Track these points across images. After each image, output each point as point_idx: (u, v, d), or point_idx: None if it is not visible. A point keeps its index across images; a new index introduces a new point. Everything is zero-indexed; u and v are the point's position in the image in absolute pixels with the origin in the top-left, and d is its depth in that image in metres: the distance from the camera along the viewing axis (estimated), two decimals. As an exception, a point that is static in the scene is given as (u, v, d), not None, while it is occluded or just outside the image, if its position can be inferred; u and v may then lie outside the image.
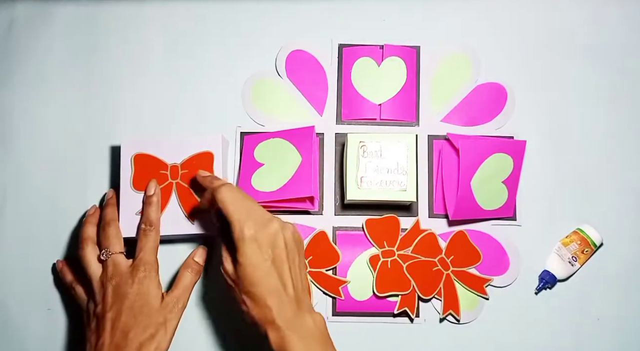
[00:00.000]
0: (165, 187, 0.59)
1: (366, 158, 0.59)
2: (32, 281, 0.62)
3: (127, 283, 0.53)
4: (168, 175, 0.59)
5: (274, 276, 0.49)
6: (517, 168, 0.63)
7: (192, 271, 0.57)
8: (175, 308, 0.54)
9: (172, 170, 0.59)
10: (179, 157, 0.60)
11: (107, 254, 0.55)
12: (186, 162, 0.60)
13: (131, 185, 0.59)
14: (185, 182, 0.59)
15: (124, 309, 0.52)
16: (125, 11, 0.67)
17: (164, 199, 0.59)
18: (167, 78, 0.66)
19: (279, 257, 0.50)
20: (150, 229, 0.56)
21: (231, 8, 0.67)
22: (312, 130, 0.62)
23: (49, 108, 0.65)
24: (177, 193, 0.59)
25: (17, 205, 0.64)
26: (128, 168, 0.59)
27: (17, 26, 0.67)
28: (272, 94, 0.65)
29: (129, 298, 0.52)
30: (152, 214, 0.57)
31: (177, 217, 0.59)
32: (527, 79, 0.67)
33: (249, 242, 0.49)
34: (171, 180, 0.59)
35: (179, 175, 0.59)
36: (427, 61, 0.66)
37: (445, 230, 0.63)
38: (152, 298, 0.53)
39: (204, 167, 0.59)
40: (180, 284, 0.56)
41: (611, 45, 0.68)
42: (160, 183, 0.59)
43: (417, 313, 0.61)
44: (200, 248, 0.59)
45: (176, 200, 0.59)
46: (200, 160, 0.59)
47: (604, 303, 0.63)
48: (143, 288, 0.53)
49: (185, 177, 0.59)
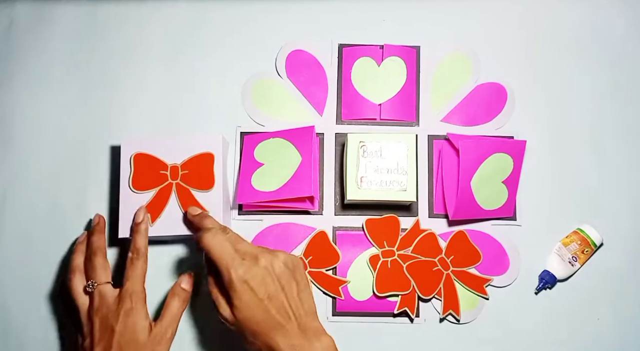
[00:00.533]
0: (165, 187, 0.59)
1: (366, 158, 0.59)
2: (32, 281, 0.62)
3: (113, 315, 0.52)
4: (168, 176, 0.59)
5: (273, 312, 0.49)
6: (517, 168, 0.63)
7: (180, 299, 0.56)
8: (163, 339, 0.53)
9: (172, 170, 0.59)
10: (179, 158, 0.60)
11: (92, 286, 0.54)
12: (186, 162, 0.59)
13: (130, 185, 0.59)
14: (185, 182, 0.59)
15: (113, 344, 0.51)
16: (125, 11, 0.67)
17: (164, 200, 0.59)
18: (167, 78, 0.66)
19: (274, 292, 0.50)
20: (138, 258, 0.55)
21: (231, 8, 0.67)
22: (312, 130, 0.62)
23: (49, 108, 0.65)
24: (176, 194, 0.59)
25: (17, 205, 0.63)
26: (127, 168, 0.59)
27: (17, 26, 0.67)
28: (272, 94, 0.65)
29: (117, 331, 0.51)
30: (140, 242, 0.56)
31: (177, 217, 0.58)
32: (527, 79, 0.67)
33: (240, 285, 0.49)
34: (171, 180, 0.59)
35: (179, 176, 0.59)
36: (427, 61, 0.66)
37: (445, 230, 0.63)
38: (140, 331, 0.52)
39: (204, 168, 0.59)
40: (168, 313, 0.55)
41: (611, 45, 0.68)
42: (160, 184, 0.59)
43: (417, 313, 0.61)
44: (186, 275, 0.58)
45: (176, 201, 0.59)
46: (200, 161, 0.59)
47: (604, 303, 0.63)
48: (130, 321, 0.52)
49: (185, 177, 0.59)
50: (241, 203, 0.62)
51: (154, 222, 0.58)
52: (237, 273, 0.49)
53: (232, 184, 0.64)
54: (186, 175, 0.59)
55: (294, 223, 0.63)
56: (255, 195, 0.60)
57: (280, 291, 0.50)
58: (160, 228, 0.58)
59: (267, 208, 0.62)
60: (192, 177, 0.59)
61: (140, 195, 0.59)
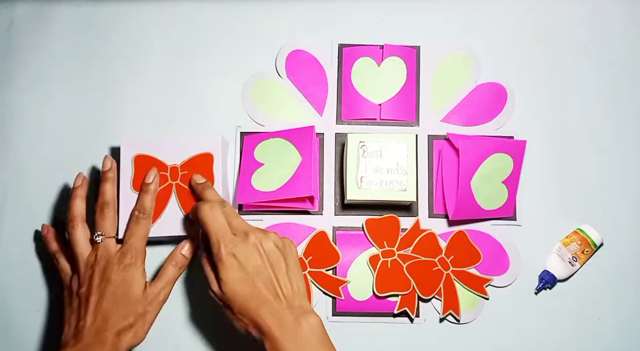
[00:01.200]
0: (165, 188, 0.59)
1: (366, 158, 0.59)
2: (32, 281, 0.62)
3: (113, 268, 0.53)
4: (168, 177, 0.59)
5: (260, 288, 0.50)
6: (517, 168, 0.63)
7: (177, 265, 0.57)
8: (155, 300, 0.55)
9: (172, 171, 0.60)
10: (179, 158, 0.60)
11: (101, 237, 0.55)
12: (186, 163, 0.60)
13: (131, 187, 0.59)
14: (185, 183, 0.59)
15: (107, 294, 0.52)
16: (125, 11, 0.67)
17: (164, 200, 0.59)
18: (167, 78, 0.66)
19: (262, 268, 0.50)
20: (144, 217, 0.56)
21: (231, 8, 0.67)
22: (312, 130, 0.62)
23: (49, 108, 0.65)
24: (176, 195, 0.59)
25: (17, 205, 0.63)
26: (128, 169, 0.59)
27: (17, 26, 0.67)
28: (272, 94, 0.65)
29: (113, 283, 0.53)
30: (147, 202, 0.57)
31: (176, 217, 0.59)
32: (527, 79, 0.67)
33: (228, 258, 0.50)
34: (171, 181, 0.59)
35: (179, 177, 0.59)
36: (427, 61, 0.66)
37: (445, 230, 0.63)
38: (135, 286, 0.53)
39: (203, 168, 0.59)
40: (164, 277, 0.56)
41: (611, 45, 0.68)
42: (160, 185, 0.59)
43: (417, 313, 0.61)
44: (187, 241, 0.59)
45: (176, 201, 0.59)
46: (200, 162, 0.60)
47: (604, 303, 0.63)
48: (128, 275, 0.53)
49: (185, 178, 0.59)
50: (241, 203, 0.62)
51: (154, 223, 0.58)
52: (226, 247, 0.50)
53: (232, 184, 0.64)
54: (186, 175, 0.59)
55: (294, 223, 0.63)
56: (255, 195, 0.60)
57: (268, 267, 0.51)
58: (161, 229, 0.58)
59: (267, 208, 0.62)
60: (192, 177, 0.59)
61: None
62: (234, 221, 0.53)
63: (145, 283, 0.55)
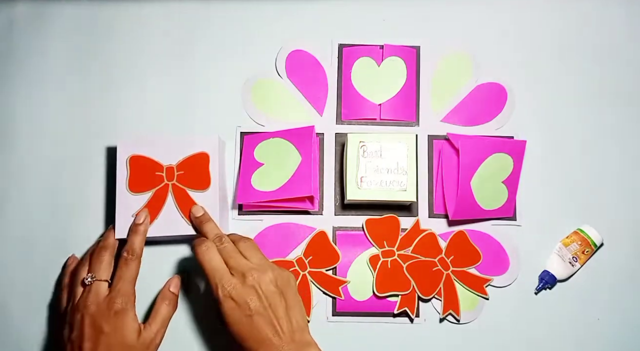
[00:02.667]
0: (161, 188, 0.59)
1: (366, 158, 0.59)
2: (32, 281, 0.62)
3: (103, 315, 0.52)
4: (164, 177, 0.59)
5: (260, 328, 0.50)
6: (517, 168, 0.63)
7: (170, 304, 0.57)
8: (152, 344, 0.54)
9: (168, 171, 0.59)
10: (175, 158, 0.60)
11: (92, 279, 0.54)
12: (182, 163, 0.59)
13: (127, 187, 0.59)
14: (181, 183, 0.59)
15: (100, 344, 0.51)
16: (125, 11, 0.67)
17: (161, 201, 0.59)
18: (167, 78, 0.66)
19: (260, 309, 0.51)
20: (132, 258, 0.55)
21: (231, 8, 0.67)
22: (312, 130, 0.62)
23: (49, 108, 0.65)
24: (173, 195, 0.59)
25: (17, 205, 0.63)
26: (124, 170, 0.59)
27: (17, 26, 0.67)
28: (272, 94, 0.65)
29: (106, 333, 0.51)
30: (137, 243, 0.56)
31: (174, 217, 0.58)
32: (527, 79, 0.67)
33: (226, 301, 0.51)
34: (167, 181, 0.59)
35: (175, 177, 0.59)
36: (427, 61, 0.66)
37: (445, 230, 0.63)
38: (129, 333, 0.52)
39: (199, 168, 0.59)
40: (158, 318, 0.55)
41: (611, 45, 0.68)
42: (156, 185, 0.59)
43: (417, 313, 0.61)
44: (174, 278, 0.59)
45: (172, 201, 0.59)
46: (195, 161, 0.59)
47: (604, 303, 0.63)
48: (119, 322, 0.52)
49: (181, 178, 0.59)
50: (241, 203, 0.62)
51: (151, 223, 0.58)
52: (224, 289, 0.51)
53: (231, 184, 0.64)
54: (182, 175, 0.59)
55: (294, 223, 0.63)
56: (255, 195, 0.60)
57: (267, 308, 0.51)
58: (158, 229, 0.58)
59: (267, 208, 0.62)
60: (188, 177, 0.59)
61: (137, 197, 0.59)
62: (232, 260, 0.53)
63: (139, 327, 0.54)
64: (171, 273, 0.62)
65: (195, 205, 0.58)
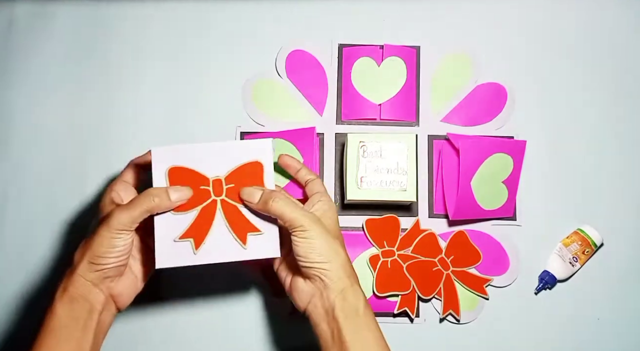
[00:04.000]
0: (208, 205, 0.49)
1: (366, 159, 0.59)
2: (32, 281, 0.62)
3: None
4: (210, 192, 0.49)
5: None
6: (517, 168, 0.63)
7: (155, 200, 0.47)
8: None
9: (215, 185, 0.50)
10: (223, 169, 0.50)
11: None
12: (231, 174, 0.50)
13: None
14: (232, 198, 0.49)
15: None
16: (125, 11, 0.67)
17: (208, 221, 0.49)
18: (167, 78, 0.66)
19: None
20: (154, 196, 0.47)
21: (231, 8, 0.67)
22: (312, 131, 0.62)
23: (49, 108, 0.65)
24: (223, 213, 0.49)
25: (17, 205, 0.63)
26: (162, 184, 0.49)
27: (17, 26, 0.67)
28: (272, 94, 0.65)
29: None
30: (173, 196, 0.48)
31: (225, 241, 0.49)
32: (527, 79, 0.67)
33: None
34: (215, 197, 0.49)
35: (224, 191, 0.50)
36: (427, 61, 0.66)
37: (445, 230, 0.63)
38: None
39: (253, 181, 0.50)
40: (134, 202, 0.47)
41: (611, 45, 0.68)
42: (202, 202, 0.49)
43: (417, 313, 0.61)
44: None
45: (223, 221, 0.49)
46: (248, 172, 0.50)
47: (604, 303, 0.63)
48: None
49: (231, 192, 0.50)
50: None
51: (198, 249, 0.48)
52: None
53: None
54: (232, 189, 0.50)
55: (294, 223, 0.63)
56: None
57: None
58: (207, 256, 0.49)
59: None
60: (239, 190, 0.50)
61: (180, 217, 0.49)
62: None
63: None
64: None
65: (244, 189, 0.49)
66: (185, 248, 0.48)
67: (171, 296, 0.62)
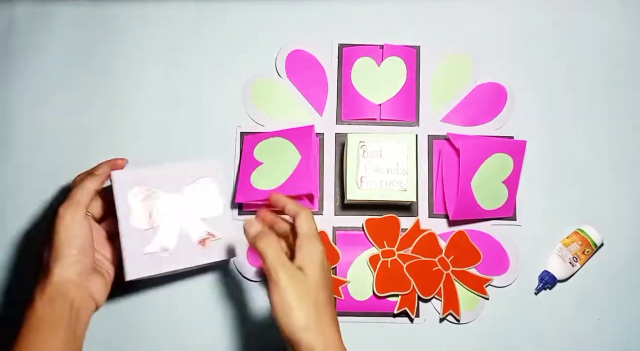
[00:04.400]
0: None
1: (366, 159, 0.59)
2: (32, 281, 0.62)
3: None
4: None
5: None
6: (517, 168, 0.63)
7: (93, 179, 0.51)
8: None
9: None
10: (178, 189, 0.56)
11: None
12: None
13: (134, 224, 0.53)
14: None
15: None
16: (125, 11, 0.67)
17: (171, 232, 0.55)
18: (167, 78, 0.66)
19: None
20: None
21: (231, 8, 0.67)
22: (311, 129, 0.62)
23: (48, 108, 0.65)
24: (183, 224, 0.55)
25: (17, 205, 0.63)
26: (127, 205, 0.53)
27: (17, 26, 0.67)
28: (272, 94, 0.65)
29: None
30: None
31: (188, 248, 0.55)
32: (527, 79, 0.67)
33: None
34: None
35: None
36: (427, 61, 0.66)
37: (445, 230, 0.63)
38: None
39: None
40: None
41: (611, 45, 0.68)
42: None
43: (417, 313, 0.61)
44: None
45: (184, 232, 0.55)
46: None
47: (604, 303, 0.63)
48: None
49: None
50: (241, 202, 0.62)
51: (164, 258, 0.54)
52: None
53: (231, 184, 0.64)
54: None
55: (294, 223, 0.63)
56: (254, 193, 0.60)
57: None
58: (174, 263, 0.54)
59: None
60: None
61: (147, 232, 0.53)
62: None
63: None
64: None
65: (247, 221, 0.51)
66: (152, 259, 0.53)
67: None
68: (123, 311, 0.61)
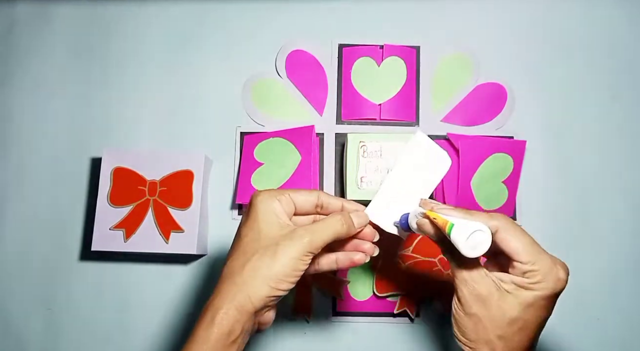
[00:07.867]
0: (142, 203, 0.58)
1: (366, 158, 0.59)
2: (32, 281, 0.62)
3: None
4: (146, 191, 0.58)
5: None
6: (517, 168, 0.63)
7: (342, 223, 0.44)
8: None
9: (151, 186, 0.58)
10: (159, 174, 0.59)
11: None
12: (165, 179, 0.59)
13: (108, 200, 0.58)
14: (163, 199, 0.58)
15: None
16: (125, 11, 0.67)
17: (140, 215, 0.58)
18: (167, 78, 0.66)
19: None
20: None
21: (231, 8, 0.67)
22: (311, 129, 0.62)
23: (48, 108, 0.65)
24: (153, 210, 0.58)
25: (17, 205, 0.64)
26: (107, 181, 0.58)
27: (17, 26, 0.67)
28: (272, 94, 0.66)
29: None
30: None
31: (151, 234, 0.57)
32: (527, 79, 0.67)
33: None
34: (149, 196, 0.58)
35: (157, 192, 0.58)
36: (427, 61, 0.66)
37: (445, 230, 0.63)
38: None
39: (183, 186, 0.58)
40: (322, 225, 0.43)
41: (611, 45, 0.68)
42: (138, 199, 0.58)
43: (417, 313, 0.61)
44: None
45: (152, 218, 0.58)
46: (179, 178, 0.59)
47: (604, 303, 0.63)
48: None
49: (163, 194, 0.58)
50: (241, 203, 0.62)
51: (128, 238, 0.57)
52: None
53: (232, 184, 0.64)
54: (164, 192, 0.58)
55: (294, 223, 0.63)
56: (255, 195, 0.60)
57: None
58: (135, 245, 0.57)
59: None
60: (170, 194, 0.58)
61: (117, 210, 0.58)
62: None
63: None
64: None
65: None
66: (117, 237, 0.57)
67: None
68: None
